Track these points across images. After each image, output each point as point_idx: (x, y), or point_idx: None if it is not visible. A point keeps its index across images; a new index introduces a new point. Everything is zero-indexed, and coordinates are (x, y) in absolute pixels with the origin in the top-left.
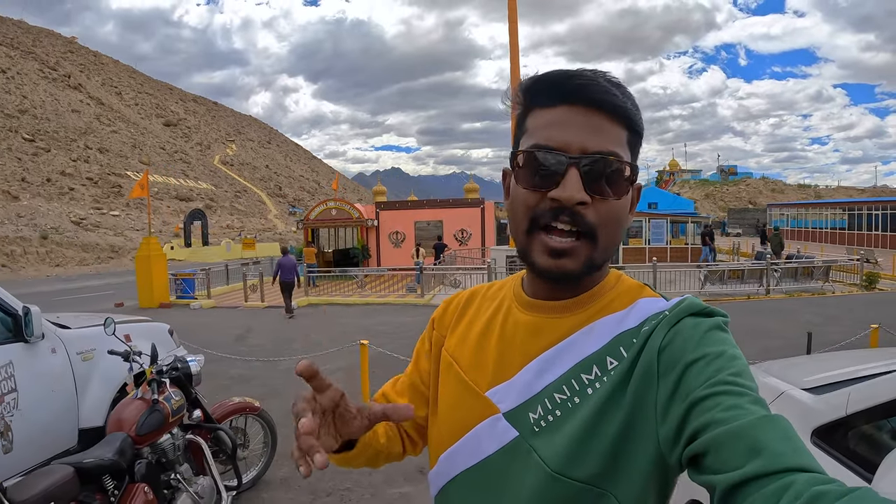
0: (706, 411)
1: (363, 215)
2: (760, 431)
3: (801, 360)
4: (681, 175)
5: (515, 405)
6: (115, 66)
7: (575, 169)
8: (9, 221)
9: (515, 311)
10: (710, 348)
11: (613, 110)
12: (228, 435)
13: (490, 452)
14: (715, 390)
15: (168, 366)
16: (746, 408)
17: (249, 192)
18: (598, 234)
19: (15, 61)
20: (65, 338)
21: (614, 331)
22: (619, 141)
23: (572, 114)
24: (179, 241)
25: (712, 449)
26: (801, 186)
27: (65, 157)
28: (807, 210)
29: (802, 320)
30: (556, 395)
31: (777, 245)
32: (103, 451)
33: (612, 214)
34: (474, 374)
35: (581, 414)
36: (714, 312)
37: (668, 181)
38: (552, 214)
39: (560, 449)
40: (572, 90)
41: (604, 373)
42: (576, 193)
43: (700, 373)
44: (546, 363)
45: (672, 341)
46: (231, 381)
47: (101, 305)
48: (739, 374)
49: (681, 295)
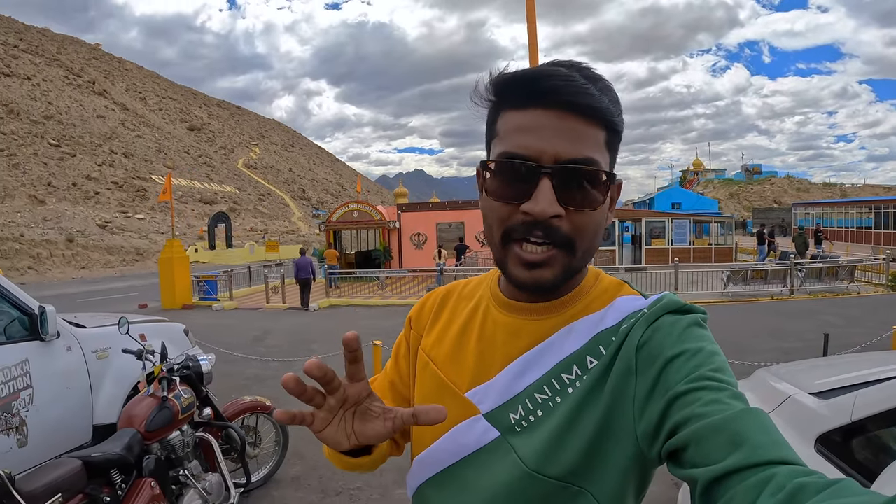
0: (686, 406)
1: (385, 217)
2: (740, 425)
3: (815, 362)
4: (705, 175)
5: (496, 406)
6: (139, 71)
7: (548, 180)
8: (35, 225)
9: (494, 311)
10: (689, 345)
11: (590, 112)
12: (237, 433)
13: (469, 452)
14: (695, 385)
15: (179, 364)
16: (726, 402)
17: (273, 195)
18: (575, 244)
19: (40, 68)
20: (80, 336)
21: (593, 330)
22: (596, 144)
23: (545, 117)
24: (203, 244)
25: (693, 443)
26: (826, 185)
27: (90, 162)
28: (832, 209)
29: (823, 321)
30: (538, 395)
31: (801, 245)
32: (112, 446)
33: (589, 223)
34: (453, 375)
35: (561, 413)
36: (692, 309)
37: (693, 181)
38: (525, 229)
39: (538, 447)
40: (546, 91)
41: (584, 372)
42: (548, 207)
43: (679, 369)
44: (527, 364)
45: (651, 338)
46: (248, 381)
47: (124, 307)
48: (719, 369)
49: (660, 293)
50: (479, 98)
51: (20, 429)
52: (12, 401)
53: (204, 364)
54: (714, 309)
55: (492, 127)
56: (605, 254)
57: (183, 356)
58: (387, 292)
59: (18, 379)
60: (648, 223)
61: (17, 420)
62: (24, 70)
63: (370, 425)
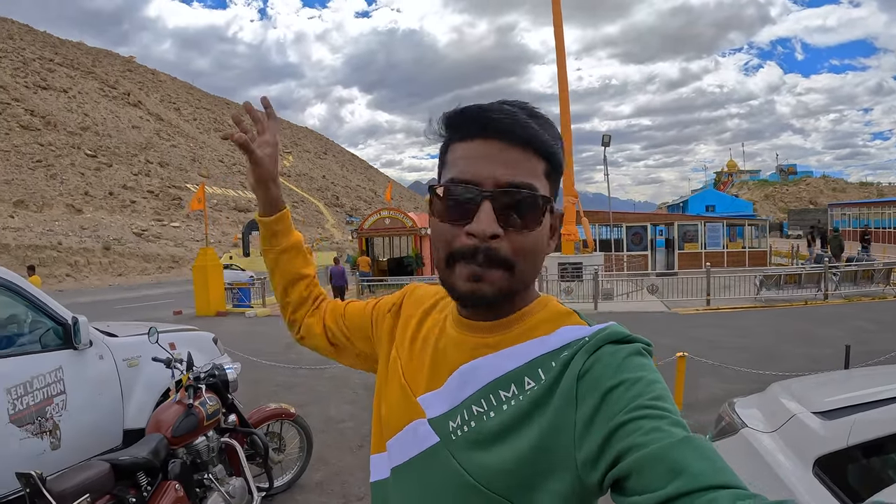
0: (627, 436)
1: (416, 224)
2: (679, 453)
3: (832, 376)
4: (739, 176)
5: (440, 413)
6: (173, 82)
7: (488, 202)
8: (73, 233)
9: (449, 325)
10: (629, 374)
11: (529, 143)
12: (261, 439)
13: (414, 454)
14: (635, 415)
15: (206, 372)
16: (666, 430)
17: (307, 203)
18: (515, 265)
19: (76, 81)
20: (112, 345)
21: (534, 353)
22: (535, 173)
23: (489, 147)
24: (238, 251)
25: (634, 472)
26: (863, 184)
27: (126, 172)
28: (869, 209)
29: (855, 327)
30: (475, 406)
31: (836, 247)
32: (139, 450)
33: (527, 245)
34: (410, 377)
35: (495, 428)
36: (634, 339)
37: (727, 182)
38: (469, 253)
39: (477, 459)
40: (487, 123)
41: (520, 392)
42: (488, 227)
43: (620, 398)
44: (467, 374)
45: (592, 367)
46: (277, 388)
47: (160, 314)
48: (659, 397)
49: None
50: (432, 134)
51: (53, 432)
52: (46, 406)
53: (230, 372)
54: (747, 314)
55: (442, 158)
56: (638, 258)
57: (210, 364)
58: None
59: (52, 385)
60: (681, 227)
61: (50, 424)
62: (60, 83)
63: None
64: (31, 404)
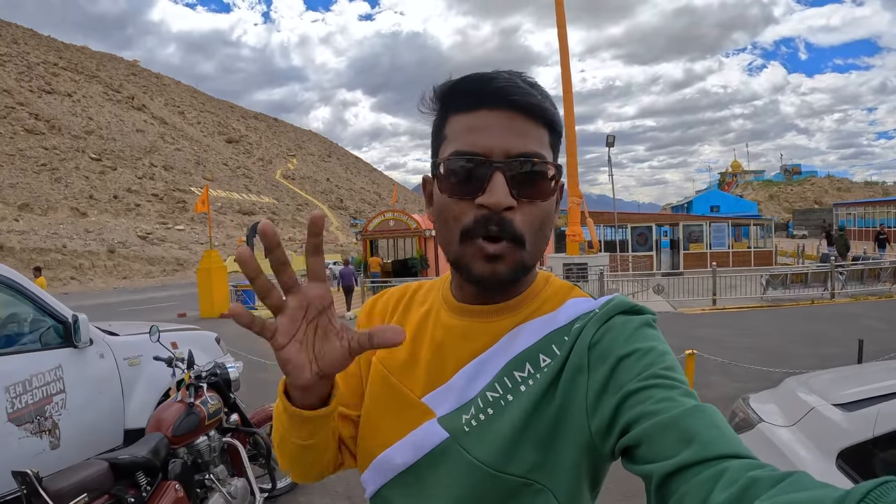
0: (638, 404)
1: (421, 225)
2: (691, 421)
3: (847, 371)
4: (743, 176)
5: (451, 410)
6: (177, 86)
7: (500, 173)
8: (77, 236)
9: (445, 315)
10: (641, 344)
11: (533, 111)
12: (263, 439)
13: (422, 455)
14: (647, 384)
15: (207, 371)
16: (677, 400)
17: (311, 206)
18: (527, 238)
19: (80, 85)
20: (113, 344)
21: (545, 329)
22: (542, 142)
23: (493, 117)
24: None
25: (645, 440)
26: (868, 184)
27: (131, 175)
28: (874, 208)
29: (864, 326)
30: (489, 393)
31: (842, 246)
32: (139, 450)
33: (540, 217)
34: (408, 380)
35: (514, 410)
36: (642, 310)
37: (731, 183)
38: (481, 224)
39: (494, 446)
40: (491, 93)
41: (536, 370)
42: (503, 199)
43: (632, 367)
44: (480, 366)
45: (603, 337)
46: None
47: (164, 316)
48: (670, 367)
49: (612, 294)
50: (425, 106)
51: (53, 431)
52: (46, 405)
53: (232, 371)
54: (753, 314)
55: (439, 133)
56: (643, 259)
57: (211, 364)
58: None
59: (52, 384)
60: (686, 227)
61: (49, 423)
62: (64, 87)
63: (330, 345)
64: (31, 403)
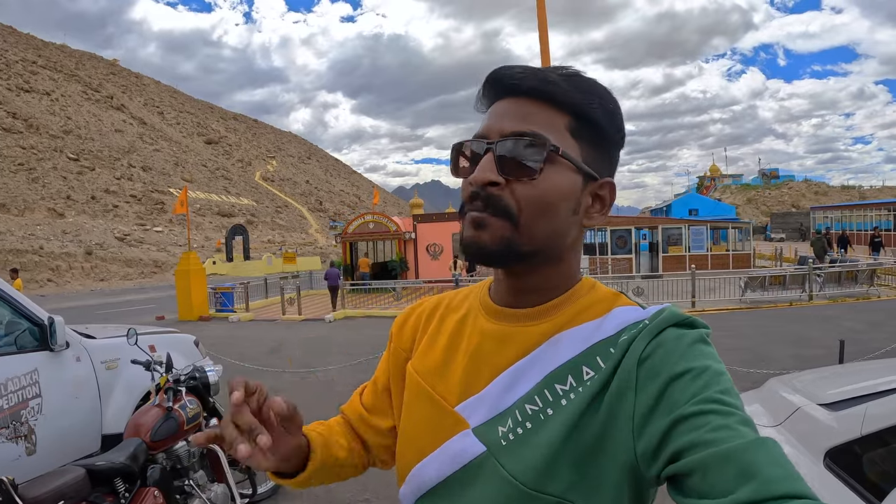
0: (693, 430)
1: (401, 228)
2: (752, 455)
3: (831, 370)
4: (722, 180)
5: (485, 419)
6: (157, 86)
7: (490, 152)
8: (54, 238)
9: (482, 319)
10: (695, 363)
11: (541, 94)
12: None
13: (457, 468)
14: (702, 408)
15: (186, 375)
16: (735, 429)
17: (290, 208)
18: (518, 216)
19: (59, 84)
20: (90, 347)
21: (589, 340)
22: (551, 126)
23: (501, 105)
24: (221, 256)
25: (699, 471)
26: (844, 188)
27: (109, 176)
28: (851, 212)
29: (843, 327)
30: (528, 406)
31: (820, 249)
32: (116, 455)
33: (533, 196)
34: (442, 389)
35: (554, 426)
36: (696, 324)
37: (710, 187)
38: (470, 197)
39: (531, 463)
40: (497, 81)
41: (579, 383)
42: (483, 175)
43: (685, 388)
44: (517, 374)
45: (653, 353)
46: None
47: (142, 318)
48: (726, 391)
49: (661, 304)
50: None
51: (29, 437)
52: (21, 409)
53: (211, 375)
54: (732, 316)
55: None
56: (622, 262)
57: (190, 367)
58: (402, 303)
59: (27, 388)
60: (665, 230)
61: (25, 428)
62: (43, 86)
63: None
64: (6, 408)
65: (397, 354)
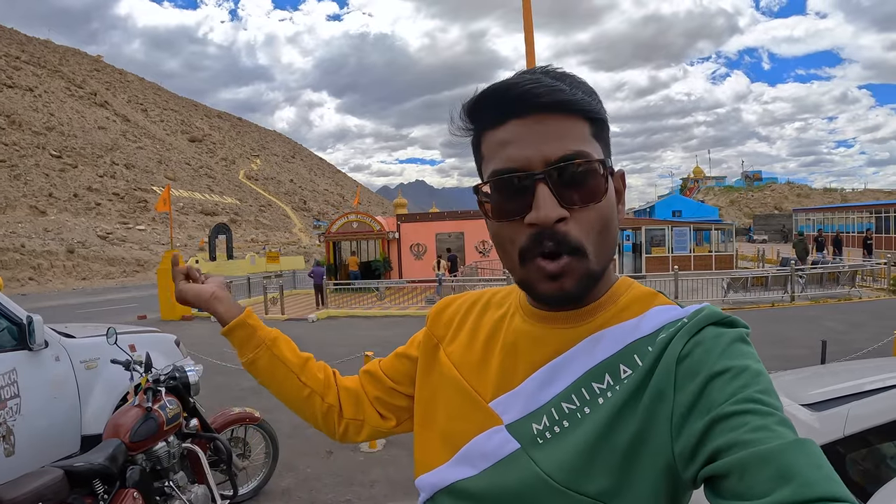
0: (731, 430)
1: (384, 228)
2: (791, 457)
3: (813, 370)
4: (705, 182)
5: (520, 416)
6: (141, 83)
7: (543, 184)
8: (36, 236)
9: (519, 320)
10: (735, 362)
11: (564, 107)
12: (224, 444)
13: (488, 465)
14: (741, 408)
15: (166, 375)
16: (774, 429)
17: (274, 207)
18: (587, 246)
19: (42, 80)
20: (69, 347)
21: (627, 338)
22: (582, 137)
23: (523, 126)
24: (204, 255)
25: (736, 472)
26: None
27: (91, 173)
28: (833, 214)
29: (825, 327)
30: (565, 404)
31: (801, 251)
32: (95, 457)
33: (598, 219)
34: (477, 383)
35: (591, 425)
36: (736, 323)
37: (693, 188)
38: (536, 240)
39: (566, 462)
40: (515, 101)
41: (616, 382)
42: (551, 212)
43: (724, 387)
44: (553, 372)
45: (692, 351)
46: (243, 392)
47: (124, 318)
48: (765, 391)
49: (700, 303)
50: (458, 129)
51: (7, 438)
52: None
53: (191, 375)
54: None
55: (477, 152)
56: None
57: (170, 367)
58: (385, 303)
59: (6, 388)
60: (649, 231)
61: (3, 429)
62: (26, 81)
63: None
64: None
65: (429, 339)
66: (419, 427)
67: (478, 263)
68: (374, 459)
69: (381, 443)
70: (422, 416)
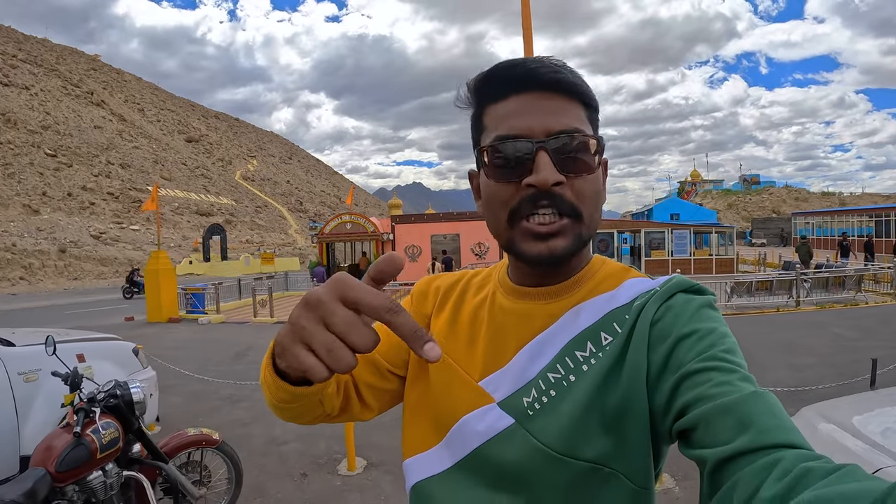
0: (697, 386)
1: (378, 229)
2: (749, 407)
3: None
4: (703, 186)
5: (510, 393)
6: (138, 83)
7: (544, 151)
8: (28, 235)
9: (502, 298)
10: (702, 324)
11: (566, 88)
12: (170, 473)
13: (482, 442)
14: (706, 365)
15: (105, 392)
16: (736, 384)
17: (270, 207)
18: (581, 211)
19: (39, 78)
20: (6, 356)
21: (606, 308)
22: (579, 117)
23: (528, 99)
24: (198, 256)
25: (702, 424)
26: (825, 194)
27: (86, 173)
28: (832, 218)
29: (834, 334)
30: (550, 374)
31: (805, 254)
32: (13, 490)
33: (589, 190)
34: (465, 363)
35: (578, 391)
36: (704, 291)
37: (691, 192)
38: (531, 201)
39: (560, 429)
40: (522, 77)
41: (598, 349)
42: (550, 175)
43: (692, 347)
44: (540, 346)
45: (664, 315)
46: (221, 401)
47: (112, 319)
48: (730, 350)
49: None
50: (462, 102)
51: None
52: None
53: (135, 392)
54: None
55: (477, 125)
56: None
57: (111, 383)
58: None
59: None
60: (648, 234)
61: None
62: (22, 80)
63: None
64: None
65: (417, 315)
66: (409, 409)
67: (473, 266)
68: (352, 483)
69: (361, 465)
70: (412, 399)
